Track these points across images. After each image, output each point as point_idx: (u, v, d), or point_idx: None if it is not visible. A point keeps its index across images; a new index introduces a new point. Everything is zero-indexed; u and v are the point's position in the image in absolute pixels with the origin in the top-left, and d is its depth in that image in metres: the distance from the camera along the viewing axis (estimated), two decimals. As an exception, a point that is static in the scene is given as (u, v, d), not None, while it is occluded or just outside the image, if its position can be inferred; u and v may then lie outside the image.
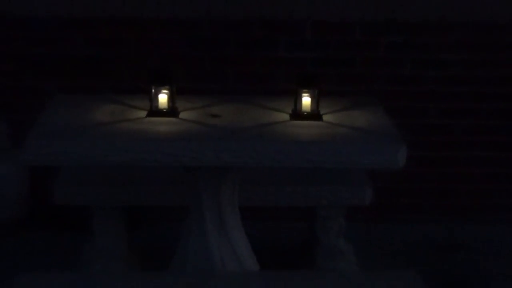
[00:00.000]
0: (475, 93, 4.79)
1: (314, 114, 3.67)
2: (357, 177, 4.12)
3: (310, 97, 3.67)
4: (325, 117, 3.68)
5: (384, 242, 4.50)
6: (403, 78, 4.77)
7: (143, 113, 3.64)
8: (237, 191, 3.78)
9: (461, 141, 4.86)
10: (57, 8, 4.57)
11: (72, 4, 4.58)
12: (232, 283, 3.20)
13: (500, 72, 4.77)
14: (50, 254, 4.29)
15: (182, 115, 3.66)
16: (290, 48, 4.73)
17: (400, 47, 4.74)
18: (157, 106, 3.64)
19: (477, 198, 4.93)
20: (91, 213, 4.02)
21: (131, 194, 3.99)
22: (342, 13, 4.67)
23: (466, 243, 4.62)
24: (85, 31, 4.65)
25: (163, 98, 3.65)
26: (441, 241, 4.64)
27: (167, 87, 3.65)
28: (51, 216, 4.40)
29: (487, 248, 4.58)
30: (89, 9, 4.60)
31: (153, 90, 3.64)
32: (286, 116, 3.68)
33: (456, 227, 4.80)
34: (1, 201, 4.58)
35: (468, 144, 4.86)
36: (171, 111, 3.64)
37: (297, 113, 3.68)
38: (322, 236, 4.15)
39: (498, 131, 4.84)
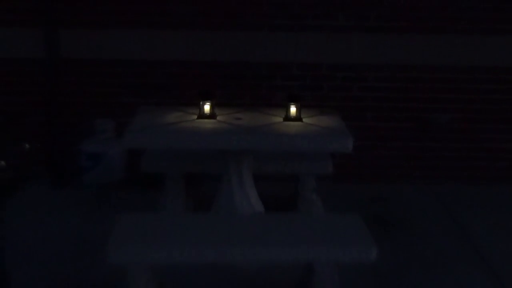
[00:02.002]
0: (394, 107, 4.78)
1: (297, 118, 3.65)
2: (323, 156, 4.10)
3: (295, 108, 3.65)
4: (304, 120, 3.66)
5: (339, 195, 4.49)
6: (352, 98, 4.75)
7: (195, 117, 3.63)
8: (251, 164, 3.77)
9: (384, 136, 4.84)
10: (143, 54, 4.61)
11: (152, 52, 4.59)
12: (248, 220, 3.18)
13: (409, 94, 4.76)
14: (138, 201, 4.32)
15: (219, 118, 3.64)
16: (283, 79, 4.70)
17: (350, 79, 4.71)
18: (203, 112, 3.63)
19: (393, 168, 4.92)
20: (164, 177, 4.03)
21: (188, 165, 3.99)
22: (314, 59, 4.66)
23: (386, 197, 4.63)
24: (161, 68, 4.65)
25: (207, 108, 3.64)
26: (371, 195, 4.63)
27: (209, 101, 3.65)
28: (139, 178, 4.39)
29: (400, 200, 4.59)
30: (163, 54, 4.60)
31: (201, 103, 3.63)
32: (280, 119, 3.66)
33: (380, 187, 4.80)
34: (111, 170, 4.60)
35: (389, 138, 4.85)
36: (212, 115, 3.63)
37: (287, 117, 3.66)
38: (302, 192, 4.14)
39: (408, 130, 4.83)
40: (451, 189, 4.78)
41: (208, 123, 3.56)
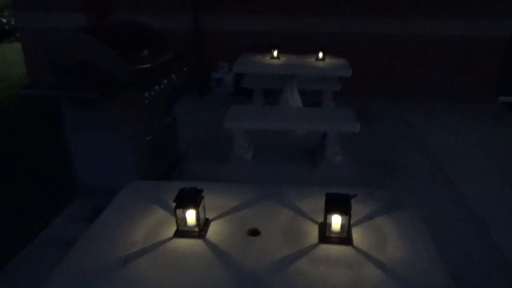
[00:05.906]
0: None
1: (323, 59, 3.51)
2: (335, 79, 3.94)
3: (322, 53, 3.51)
4: (326, 60, 3.52)
5: (343, 102, 4.17)
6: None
7: (269, 58, 3.55)
8: (297, 83, 3.69)
9: (368, 73, 4.55)
10: (244, 27, 4.46)
11: (249, 26, 4.43)
12: (295, 110, 3.16)
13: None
14: (240, 101, 4.14)
15: (281, 59, 3.52)
16: (315, 42, 4.43)
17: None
18: (273, 56, 3.56)
19: (370, 91, 4.61)
20: (252, 90, 4.03)
21: (265, 83, 3.93)
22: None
23: (367, 104, 4.39)
24: (253, 35, 4.46)
25: (275, 53, 3.55)
26: (359, 103, 4.24)
27: (276, 50, 3.57)
28: (241, 91, 4.41)
29: (376, 107, 4.33)
30: (254, 27, 4.43)
31: (272, 51, 3.56)
32: (313, 60, 3.54)
33: (362, 99, 4.48)
34: (227, 87, 4.61)
35: (370, 75, 4.52)
36: (278, 58, 3.54)
37: (317, 58, 3.54)
38: (324, 99, 4.07)
39: (381, 71, 4.53)
40: (405, 105, 4.47)
41: (275, 61, 3.53)
